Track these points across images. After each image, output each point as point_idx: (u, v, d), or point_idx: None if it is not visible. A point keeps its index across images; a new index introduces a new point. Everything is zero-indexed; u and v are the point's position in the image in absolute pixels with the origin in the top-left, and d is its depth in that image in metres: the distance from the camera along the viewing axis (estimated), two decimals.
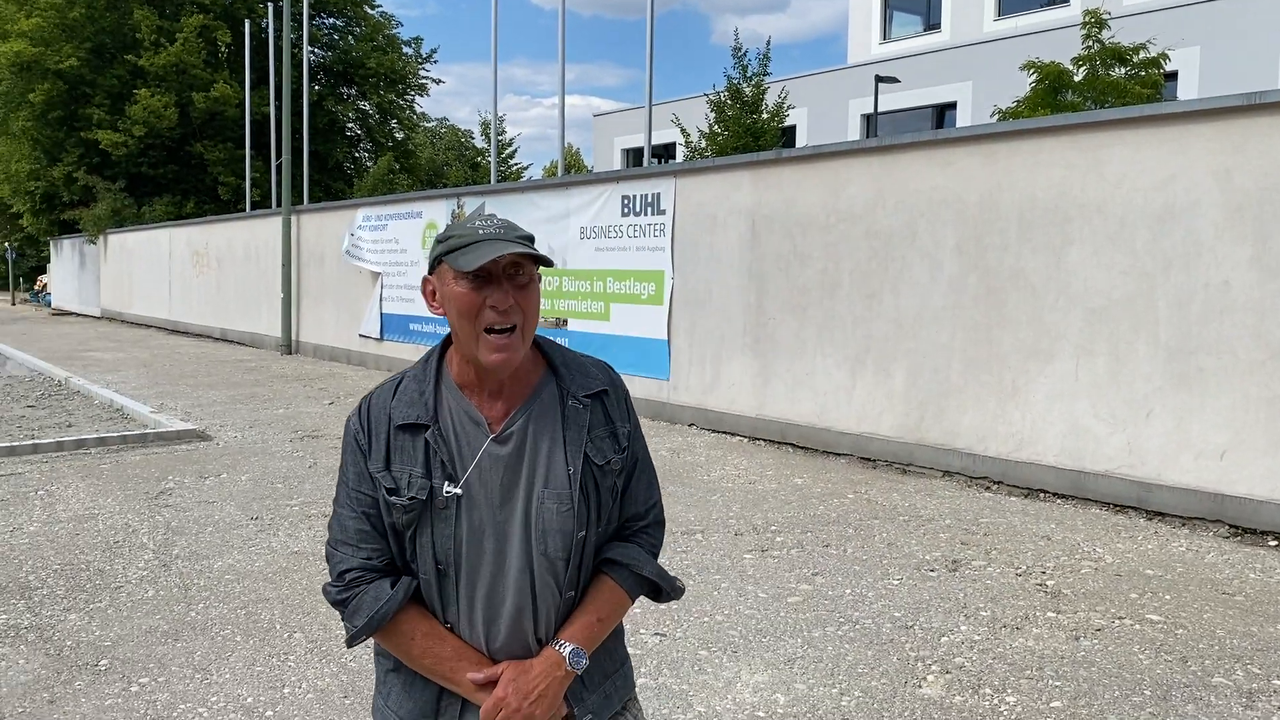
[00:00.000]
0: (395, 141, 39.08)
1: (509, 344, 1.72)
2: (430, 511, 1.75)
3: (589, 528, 1.81)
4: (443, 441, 1.76)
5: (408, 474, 1.75)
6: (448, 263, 1.74)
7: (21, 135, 33.39)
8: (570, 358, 1.92)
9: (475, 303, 1.71)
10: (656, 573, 1.90)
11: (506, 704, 1.72)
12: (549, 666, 1.77)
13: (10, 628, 4.83)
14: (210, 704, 4.02)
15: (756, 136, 18.20)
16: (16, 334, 24.15)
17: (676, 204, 10.68)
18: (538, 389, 1.84)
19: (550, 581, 1.79)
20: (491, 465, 1.77)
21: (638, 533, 1.93)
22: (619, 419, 1.88)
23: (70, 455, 8.93)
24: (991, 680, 4.24)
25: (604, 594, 1.86)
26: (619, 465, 1.85)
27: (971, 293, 8.01)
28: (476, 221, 1.77)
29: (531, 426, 1.80)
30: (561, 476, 1.78)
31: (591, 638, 1.83)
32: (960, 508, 7.21)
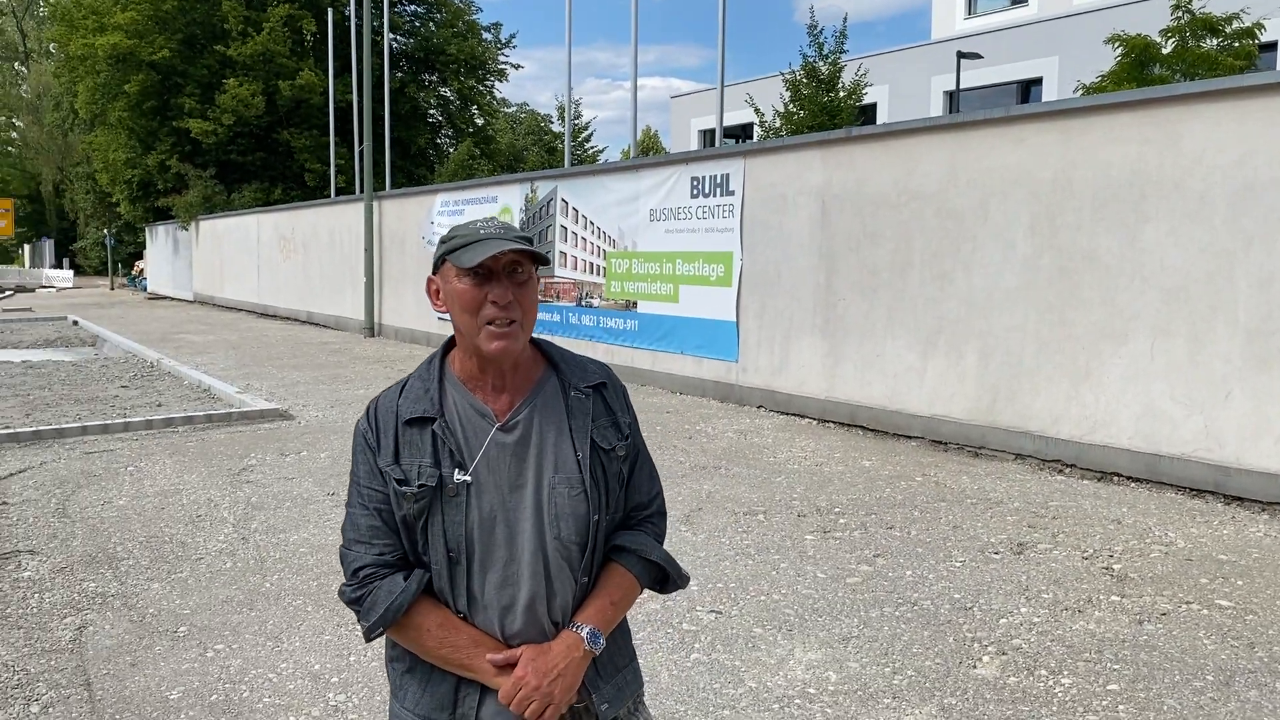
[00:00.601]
0: (475, 127, 39.54)
1: (509, 334, 1.79)
2: (440, 500, 1.80)
3: (601, 511, 1.87)
4: (449, 432, 1.83)
5: (417, 465, 1.82)
6: (451, 261, 1.82)
7: (118, 125, 34.61)
8: (568, 355, 2.00)
9: (477, 298, 1.79)
10: (664, 558, 1.95)
11: (526, 683, 1.76)
12: (568, 648, 1.81)
13: (98, 595, 5.08)
14: (280, 670, 4.19)
15: (832, 115, 18.01)
16: (114, 317, 25.10)
17: (746, 184, 10.66)
18: (540, 383, 1.91)
19: (565, 566, 1.84)
20: (499, 454, 1.83)
21: (642, 522, 1.99)
22: (619, 410, 1.96)
23: (159, 433, 9.30)
24: (1048, 662, 4.21)
25: (615, 579, 1.91)
26: (624, 451, 1.93)
27: (1045, 273, 7.86)
28: (478, 223, 1.85)
29: (537, 417, 1.87)
30: (571, 462, 1.85)
31: (607, 620, 1.88)
32: (1030, 491, 7.11)
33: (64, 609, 4.89)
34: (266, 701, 3.91)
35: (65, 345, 18.18)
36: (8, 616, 4.79)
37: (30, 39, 63.45)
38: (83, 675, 4.15)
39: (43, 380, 12.95)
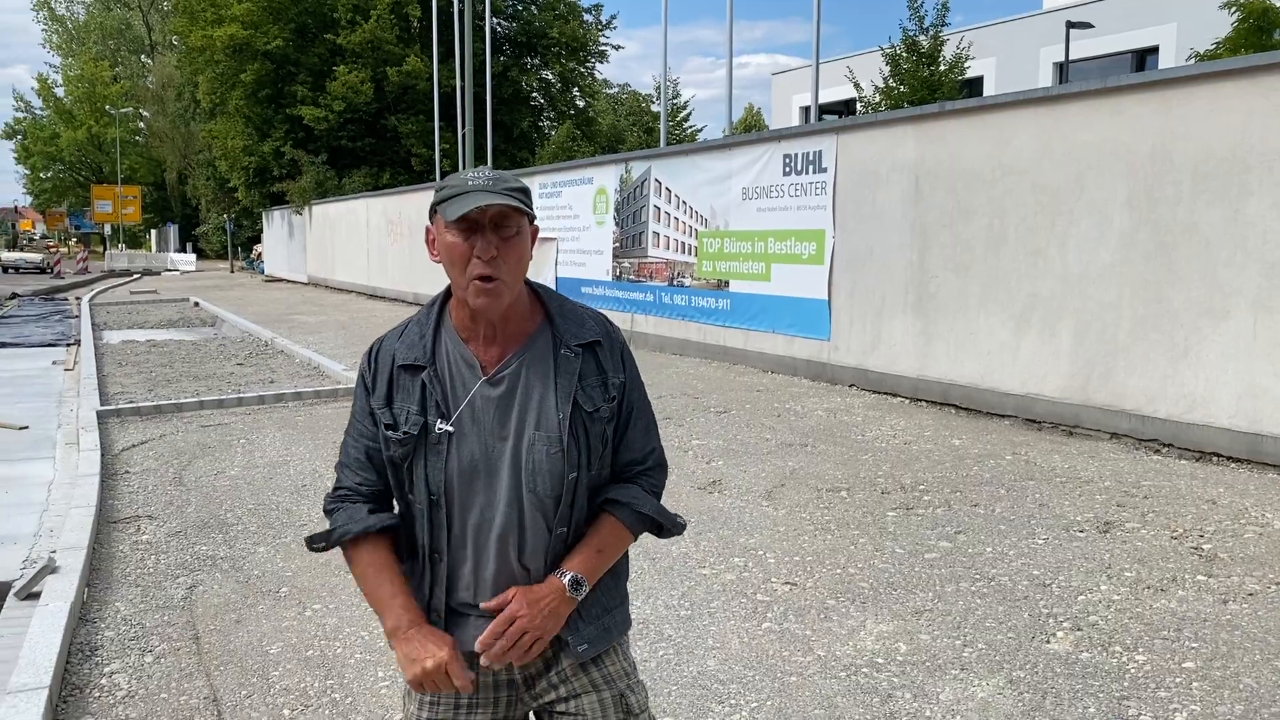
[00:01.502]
0: (576, 109, 39.88)
1: (493, 289, 1.81)
2: (425, 446, 1.87)
3: (580, 470, 1.90)
4: (438, 381, 1.89)
5: (406, 410, 1.88)
6: (439, 211, 1.84)
7: (236, 114, 35.97)
8: (569, 309, 1.99)
9: (463, 251, 1.81)
10: (655, 509, 1.98)
11: (519, 615, 1.83)
12: (553, 590, 1.88)
13: (209, 558, 5.42)
14: (371, 628, 4.43)
15: (933, 90, 17.69)
16: (233, 299, 26.18)
17: (838, 161, 10.60)
18: (533, 337, 1.93)
19: (539, 517, 1.89)
20: (483, 405, 1.88)
21: (637, 475, 2.01)
22: (611, 369, 1.96)
23: (270, 408, 9.76)
24: (1123, 639, 4.19)
25: (605, 529, 1.95)
26: (608, 413, 1.93)
27: (1141, 248, 7.67)
28: (469, 174, 1.86)
29: (525, 371, 1.90)
30: (552, 420, 1.87)
31: (592, 569, 1.93)
32: (1122, 470, 6.98)
33: (177, 570, 5.24)
34: (358, 658, 4.15)
35: (187, 325, 19.08)
36: (127, 575, 5.16)
37: (155, 32, 66.23)
38: (192, 630, 4.46)
39: (165, 358, 13.66)
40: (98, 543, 5.61)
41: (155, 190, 65.58)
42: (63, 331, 17.22)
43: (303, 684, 3.92)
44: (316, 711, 3.69)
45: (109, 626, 4.50)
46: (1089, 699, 3.67)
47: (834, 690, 3.77)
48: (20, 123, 74.09)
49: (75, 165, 70.51)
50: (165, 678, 3.98)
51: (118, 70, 67.63)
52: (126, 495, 6.68)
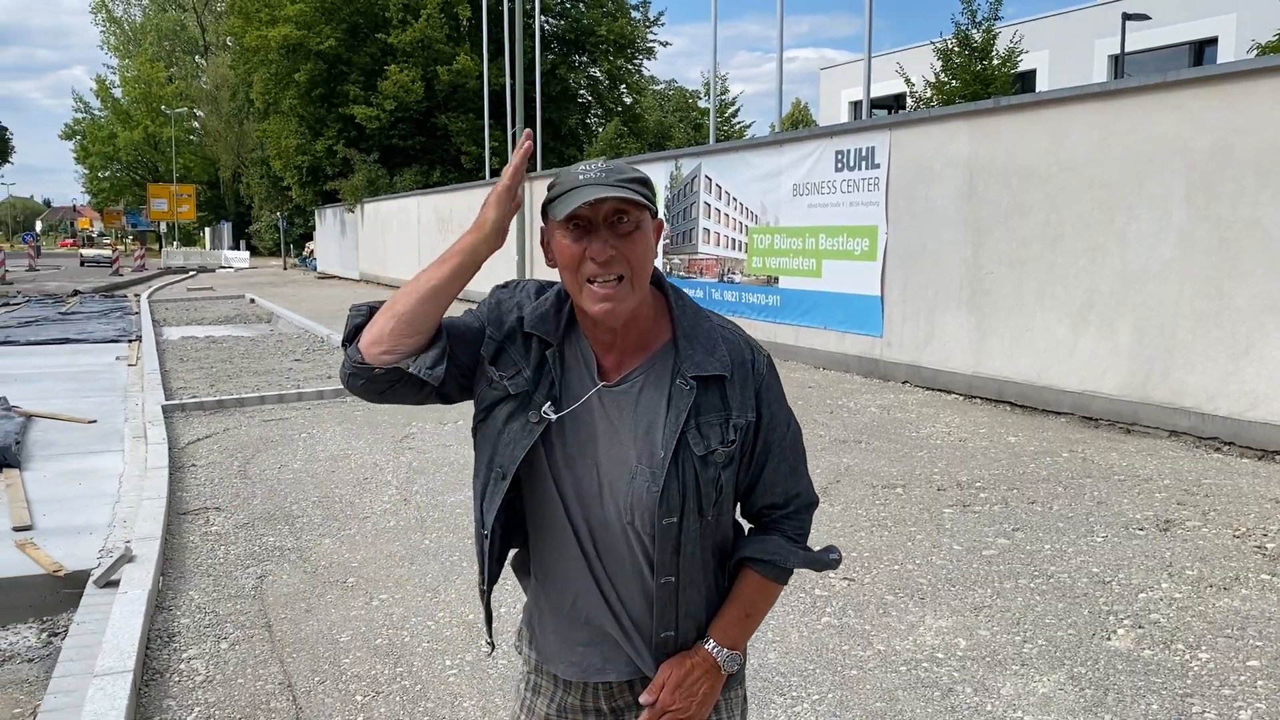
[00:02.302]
0: (623, 106, 39.98)
1: (613, 294, 1.60)
2: (519, 417, 1.69)
3: (682, 515, 1.67)
4: (559, 365, 1.71)
5: (519, 368, 1.70)
6: (549, 211, 1.65)
7: (289, 113, 36.54)
8: (700, 331, 1.73)
9: (576, 253, 1.61)
10: (804, 561, 1.80)
11: (670, 708, 1.73)
12: (705, 669, 1.75)
13: (277, 549, 5.57)
14: (437, 618, 4.54)
15: (985, 84, 17.54)
16: (287, 295, 26.60)
17: (891, 157, 10.58)
18: (657, 355, 1.72)
19: (638, 552, 1.71)
20: (592, 413, 1.70)
21: (778, 521, 1.81)
22: (737, 408, 1.70)
23: (329, 403, 9.95)
24: (1186, 637, 4.18)
25: (749, 589, 1.79)
26: (724, 459, 1.69)
27: (1202, 244, 7.58)
28: (581, 167, 1.66)
29: (642, 391, 1.70)
30: (656, 455, 1.66)
31: (741, 635, 1.79)
32: (1182, 468, 6.92)
33: (246, 560, 5.39)
34: (425, 646, 4.26)
35: (243, 321, 19.43)
36: (199, 565, 5.31)
37: (209, 33, 67.36)
38: (264, 618, 4.59)
39: (224, 354, 13.95)
40: (169, 533, 5.77)
41: (209, 188, 66.79)
42: (123, 328, 17.61)
43: (373, 671, 4.03)
44: (388, 698, 3.80)
45: (184, 614, 4.64)
46: (1152, 696, 3.68)
47: (894, 684, 3.81)
48: (79, 123, 75.86)
49: (132, 164, 72.02)
50: (240, 664, 4.11)
51: (173, 71, 68.94)
52: (194, 488, 6.86)
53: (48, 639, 4.66)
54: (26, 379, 11.29)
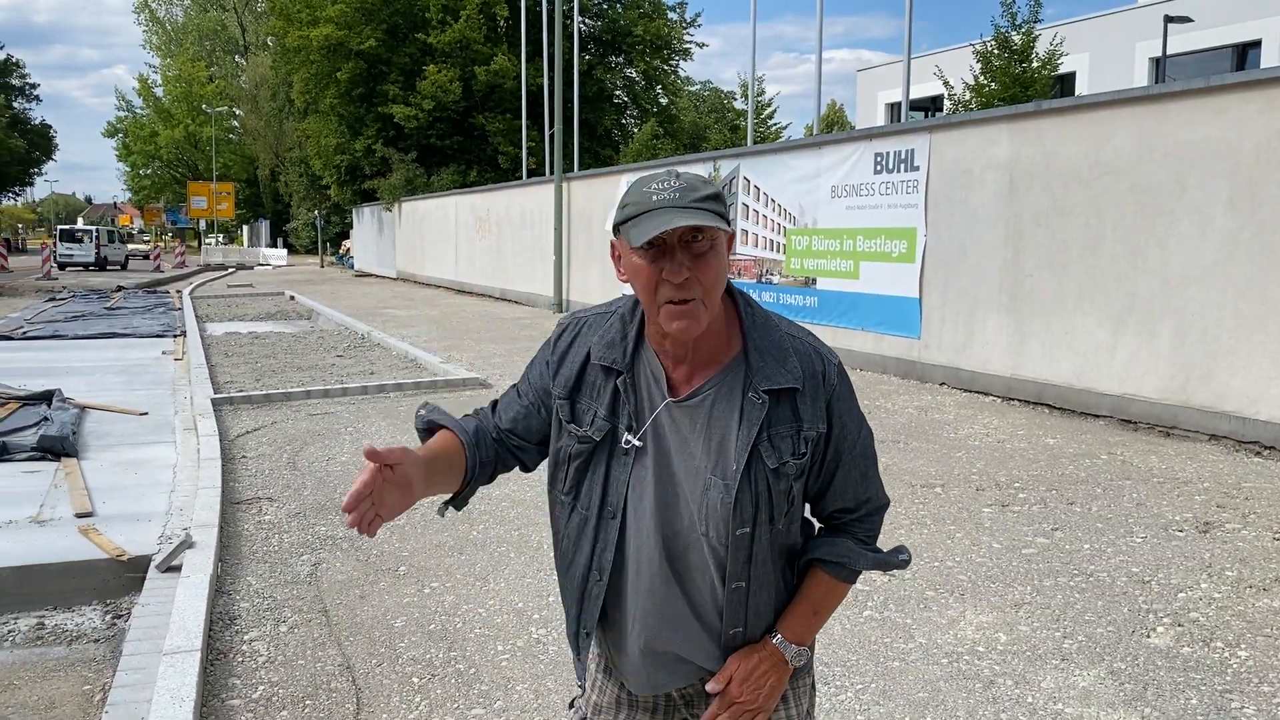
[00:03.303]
0: (659, 107, 40.10)
1: (688, 312, 1.63)
2: (611, 454, 1.76)
3: (756, 525, 1.73)
4: (633, 391, 1.76)
5: (594, 411, 1.77)
6: (623, 233, 1.65)
7: (329, 112, 36.98)
8: (771, 342, 1.77)
9: (652, 276, 1.63)
10: (874, 563, 1.86)
11: (739, 700, 1.78)
12: (773, 664, 1.80)
13: (329, 538, 5.72)
14: (487, 605, 4.68)
15: (1025, 87, 17.49)
16: (326, 293, 26.94)
17: (931, 160, 10.62)
18: (728, 368, 1.75)
19: (709, 561, 1.75)
20: (666, 427, 1.74)
21: (849, 524, 1.86)
22: (809, 419, 1.74)
23: (373, 398, 10.13)
24: (1225, 635, 4.23)
25: (819, 588, 1.84)
26: (795, 470, 1.73)
27: (1245, 248, 7.59)
28: (653, 185, 1.65)
29: (713, 406, 1.73)
30: (729, 468, 1.70)
31: (808, 631, 1.84)
32: (1222, 471, 6.94)
33: (300, 548, 5.54)
34: (478, 632, 4.39)
35: (284, 318, 19.73)
36: (255, 552, 5.48)
37: (249, 33, 68.20)
38: (320, 603, 4.74)
39: (268, 349, 14.20)
40: (224, 521, 5.94)
41: (248, 186, 67.61)
42: (168, 323, 17.94)
43: (428, 655, 4.16)
44: (443, 680, 3.93)
45: (244, 598, 4.80)
46: (1191, 691, 3.74)
47: (936, 675, 3.90)
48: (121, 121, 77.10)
49: (172, 162, 73.05)
50: (300, 646, 4.26)
51: (213, 70, 69.89)
52: (245, 478, 7.04)
53: (112, 620, 4.82)
54: (78, 372, 11.57)
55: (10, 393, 9.53)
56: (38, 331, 16.21)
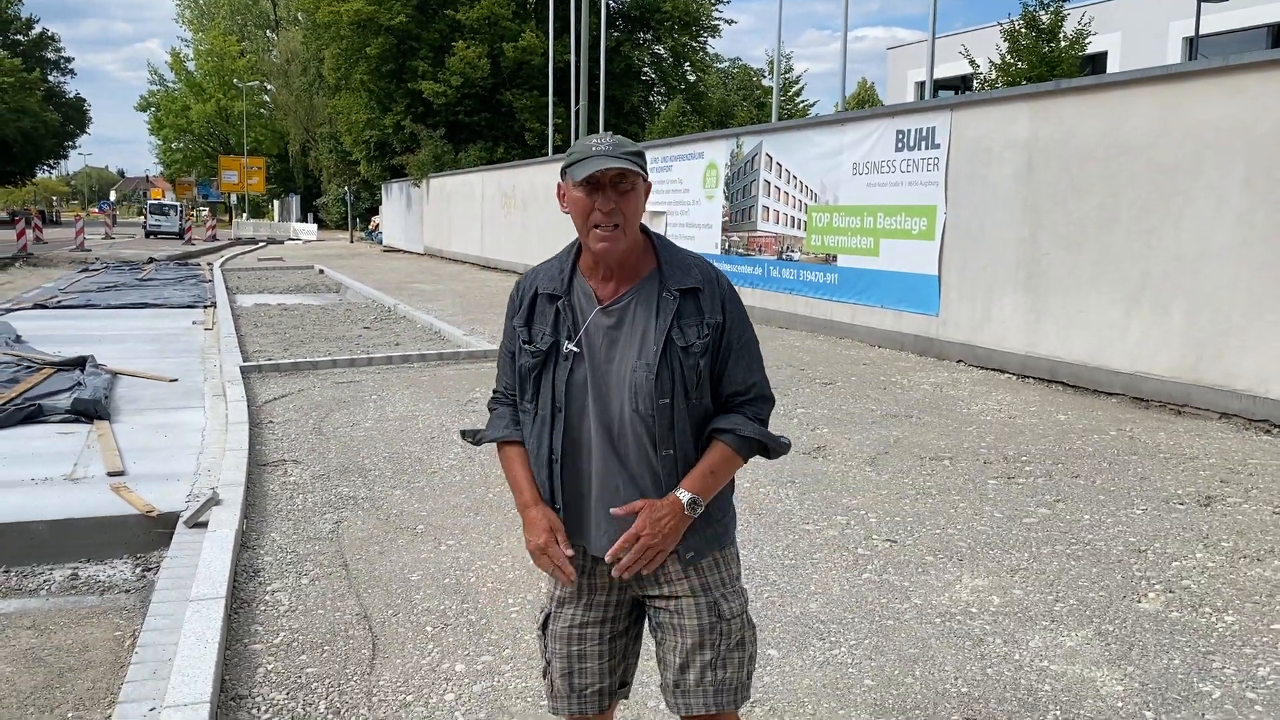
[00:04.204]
0: (687, 84, 40.04)
1: (611, 237, 2.17)
2: (554, 361, 2.25)
3: (673, 396, 2.20)
4: (569, 309, 2.26)
5: (541, 331, 2.27)
6: (568, 173, 2.20)
7: (359, 88, 37.20)
8: (678, 259, 2.30)
9: (587, 205, 2.17)
10: (757, 432, 2.28)
11: (643, 533, 2.18)
12: (672, 509, 2.20)
13: (351, 498, 5.93)
14: (500, 562, 4.86)
15: (1052, 66, 17.40)
16: (355, 267, 27.22)
17: (951, 138, 10.66)
18: (645, 280, 2.27)
19: (643, 433, 2.22)
20: (596, 332, 2.24)
21: (740, 405, 2.29)
22: (709, 310, 2.24)
23: (397, 368, 10.34)
24: (1214, 601, 4.35)
25: (714, 453, 2.26)
26: (700, 349, 2.22)
27: (1260, 229, 7.62)
28: (593, 140, 2.20)
29: (634, 307, 2.24)
30: (650, 351, 2.20)
31: (705, 488, 2.23)
32: (1229, 448, 7.01)
33: (323, 507, 5.75)
34: (490, 586, 4.57)
35: (313, 291, 20.00)
36: (279, 510, 5.69)
37: (280, 7, 68.47)
38: (341, 558, 4.94)
39: (296, 321, 14.45)
40: (251, 482, 6.16)
41: (278, 161, 68.05)
42: (198, 295, 18.25)
43: (442, 606, 4.35)
44: (455, 630, 4.12)
45: (268, 553, 5.01)
46: (1175, 652, 3.87)
47: (928, 634, 4.04)
48: (154, 95, 77.67)
49: (204, 136, 73.64)
50: (320, 597, 4.46)
51: (244, 45, 70.29)
52: (272, 442, 7.26)
53: (142, 573, 5.05)
54: (110, 340, 11.85)
55: (45, 359, 9.81)
56: (71, 301, 16.56)
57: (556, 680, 2.39)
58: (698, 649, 2.28)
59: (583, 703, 2.38)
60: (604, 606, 2.36)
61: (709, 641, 2.28)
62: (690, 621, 2.28)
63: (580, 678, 2.37)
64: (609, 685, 2.40)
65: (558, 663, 2.38)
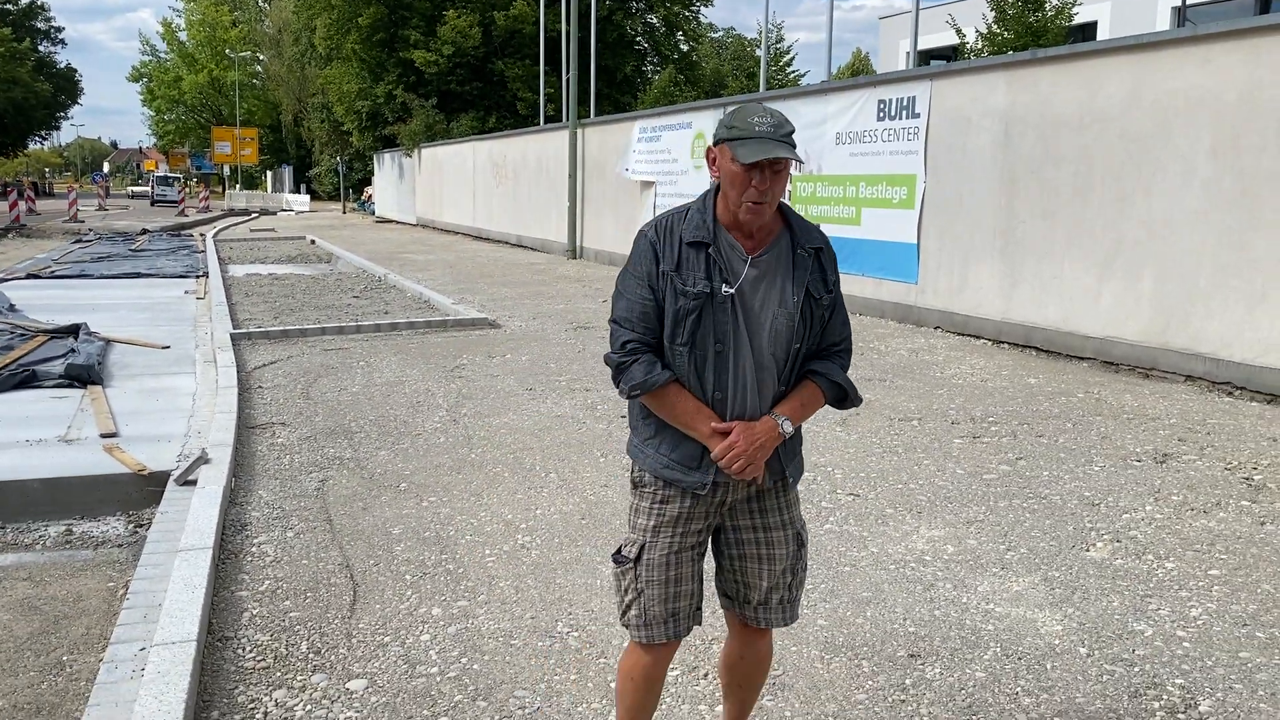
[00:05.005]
0: (680, 54, 39.94)
1: (761, 210, 2.38)
2: (712, 305, 2.41)
3: (802, 342, 2.48)
4: (720, 255, 2.44)
5: (694, 276, 2.42)
6: (729, 148, 2.35)
7: (351, 57, 37.09)
8: (801, 221, 2.56)
9: (744, 181, 2.35)
10: (844, 380, 2.56)
11: (737, 446, 2.41)
12: (768, 427, 2.45)
13: (337, 458, 6.12)
14: (480, 517, 5.06)
15: (1038, 36, 17.46)
16: (346, 238, 27.31)
17: (931, 107, 10.80)
18: (778, 237, 2.49)
19: (773, 372, 2.47)
20: (745, 279, 2.44)
21: (833, 354, 2.58)
22: (828, 269, 2.53)
23: (385, 335, 10.52)
24: (1158, 550, 4.56)
25: (807, 389, 2.53)
26: (827, 302, 2.51)
27: (1225, 197, 7.79)
28: (754, 118, 2.36)
29: (773, 262, 2.47)
30: (791, 301, 2.45)
31: (797, 415, 2.50)
32: (1191, 409, 7.22)
33: (309, 467, 5.94)
34: (467, 539, 4.78)
35: (304, 261, 20.13)
36: (267, 469, 5.88)
37: None
38: (325, 514, 5.14)
39: (287, 290, 14.60)
40: (240, 443, 6.35)
41: (271, 132, 67.79)
42: (191, 265, 18.37)
43: (421, 557, 4.55)
44: (434, 579, 4.32)
45: (255, 508, 5.21)
46: (1115, 595, 4.08)
47: (882, 579, 4.25)
48: (146, 66, 77.18)
49: (196, 107, 73.29)
50: (305, 549, 4.66)
51: (236, 15, 69.81)
52: (261, 406, 7.45)
53: (134, 529, 5.24)
54: (103, 309, 12.00)
55: (39, 326, 9.97)
56: (65, 271, 16.69)
57: (654, 607, 2.56)
58: (785, 574, 2.63)
59: (677, 625, 2.58)
60: (698, 533, 2.57)
61: (790, 567, 2.63)
62: (781, 550, 2.60)
63: (677, 601, 2.56)
64: (698, 604, 2.62)
65: (655, 590, 2.55)
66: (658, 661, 2.63)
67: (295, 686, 3.41)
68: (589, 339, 10.37)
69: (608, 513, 5.13)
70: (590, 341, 10.19)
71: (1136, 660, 3.55)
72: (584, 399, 7.62)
